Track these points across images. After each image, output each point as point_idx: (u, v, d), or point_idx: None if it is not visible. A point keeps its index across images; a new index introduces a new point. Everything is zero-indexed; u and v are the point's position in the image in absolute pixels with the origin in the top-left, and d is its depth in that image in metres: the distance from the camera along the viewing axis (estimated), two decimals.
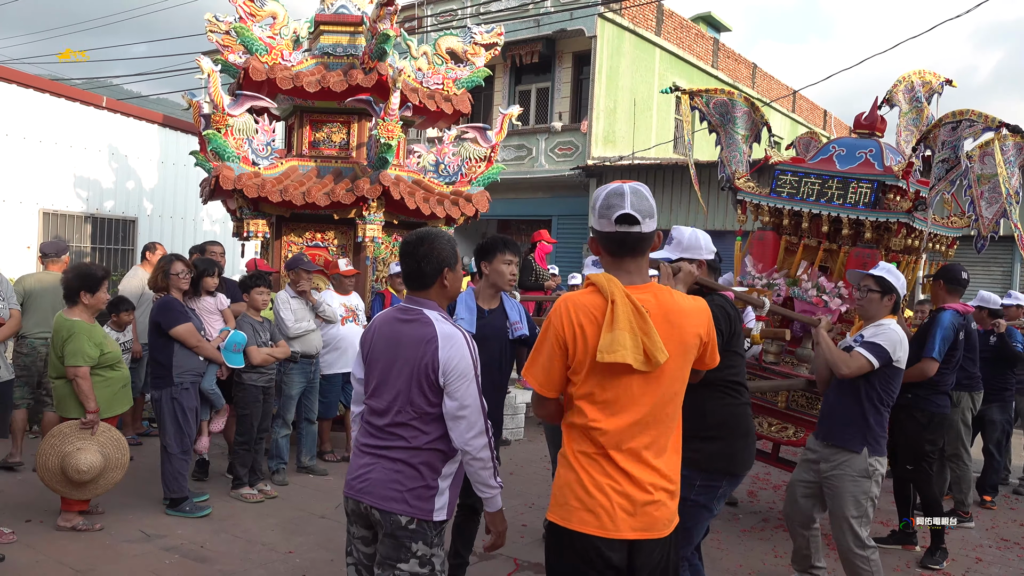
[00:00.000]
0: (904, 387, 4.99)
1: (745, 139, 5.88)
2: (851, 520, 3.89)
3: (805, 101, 24.21)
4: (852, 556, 3.89)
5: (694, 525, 3.24)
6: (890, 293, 3.99)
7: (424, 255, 2.60)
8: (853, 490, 3.89)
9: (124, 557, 4.36)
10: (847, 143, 5.44)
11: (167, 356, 5.07)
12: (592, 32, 15.90)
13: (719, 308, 3.19)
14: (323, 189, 6.89)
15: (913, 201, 4.94)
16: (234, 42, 7.32)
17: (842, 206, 5.13)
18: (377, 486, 2.52)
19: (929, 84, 5.78)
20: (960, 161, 4.69)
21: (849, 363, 3.89)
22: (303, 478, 6.08)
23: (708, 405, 3.20)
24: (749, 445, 3.31)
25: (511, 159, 16.99)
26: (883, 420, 3.98)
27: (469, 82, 7.88)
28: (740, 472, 3.29)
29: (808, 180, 5.29)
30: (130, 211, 10.85)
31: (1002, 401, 6.46)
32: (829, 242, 5.35)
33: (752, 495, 6.41)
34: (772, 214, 5.54)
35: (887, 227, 5.01)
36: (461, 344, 2.53)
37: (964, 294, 5.25)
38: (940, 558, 4.88)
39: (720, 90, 5.99)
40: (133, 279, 7.15)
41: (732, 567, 4.71)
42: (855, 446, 3.90)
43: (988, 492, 6.49)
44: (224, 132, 6.74)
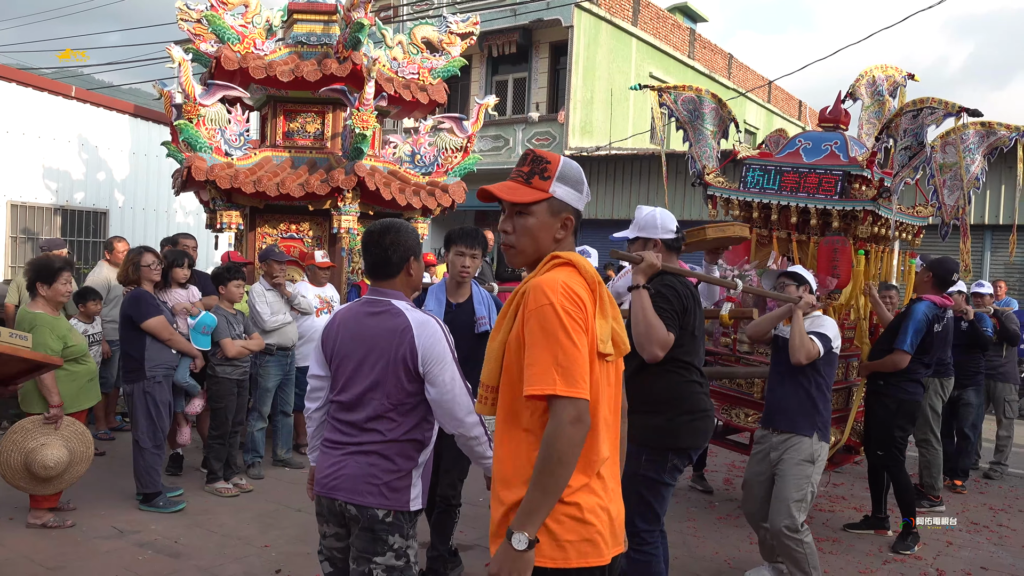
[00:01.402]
0: (875, 374, 5.08)
1: (714, 135, 5.97)
2: (790, 503, 3.97)
3: (780, 92, 24.36)
4: (785, 538, 3.97)
5: (654, 498, 3.30)
6: (803, 283, 4.22)
7: (390, 244, 2.58)
8: (796, 473, 4.01)
9: (96, 553, 4.31)
10: (812, 136, 5.53)
11: (139, 350, 5.00)
12: (569, 22, 15.87)
13: (667, 287, 3.28)
14: (297, 180, 6.82)
15: (878, 189, 5.02)
16: (206, 30, 7.21)
17: (810, 197, 5.20)
18: (352, 481, 2.50)
19: (892, 78, 5.92)
20: (923, 148, 4.78)
21: (810, 352, 3.99)
22: (279, 471, 6.04)
23: (655, 382, 3.29)
24: (696, 421, 3.34)
25: (488, 149, 16.94)
26: (828, 404, 4.16)
27: (445, 72, 7.83)
28: (686, 447, 3.34)
29: (776, 172, 5.39)
30: (101, 203, 10.69)
31: (976, 385, 6.60)
32: (799, 233, 5.41)
33: (728, 483, 6.46)
34: (742, 207, 5.61)
35: (854, 216, 5.08)
36: (435, 329, 2.53)
37: None
38: (912, 542, 4.95)
39: (688, 87, 6.07)
40: (98, 275, 7.03)
41: (708, 554, 4.75)
42: (806, 431, 4.04)
43: (959, 476, 6.59)
44: (196, 122, 6.65)
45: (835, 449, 5.07)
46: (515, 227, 2.01)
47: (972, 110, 4.53)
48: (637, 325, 3.21)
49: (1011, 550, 5.09)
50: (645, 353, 3.21)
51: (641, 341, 3.19)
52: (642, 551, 3.28)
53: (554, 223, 2.00)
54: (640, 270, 3.29)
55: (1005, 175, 11.93)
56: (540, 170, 2.01)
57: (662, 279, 3.31)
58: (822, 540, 5.08)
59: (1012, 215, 11.84)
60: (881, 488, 5.30)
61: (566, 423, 1.79)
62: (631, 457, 3.27)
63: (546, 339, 1.83)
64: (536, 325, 1.85)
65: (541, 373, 1.82)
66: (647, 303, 3.21)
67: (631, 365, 3.26)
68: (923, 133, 4.76)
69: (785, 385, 4.15)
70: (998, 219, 11.97)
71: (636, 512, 3.25)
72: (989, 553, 5.02)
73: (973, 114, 4.54)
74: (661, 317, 3.19)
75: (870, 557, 4.83)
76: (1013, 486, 6.85)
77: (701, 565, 4.57)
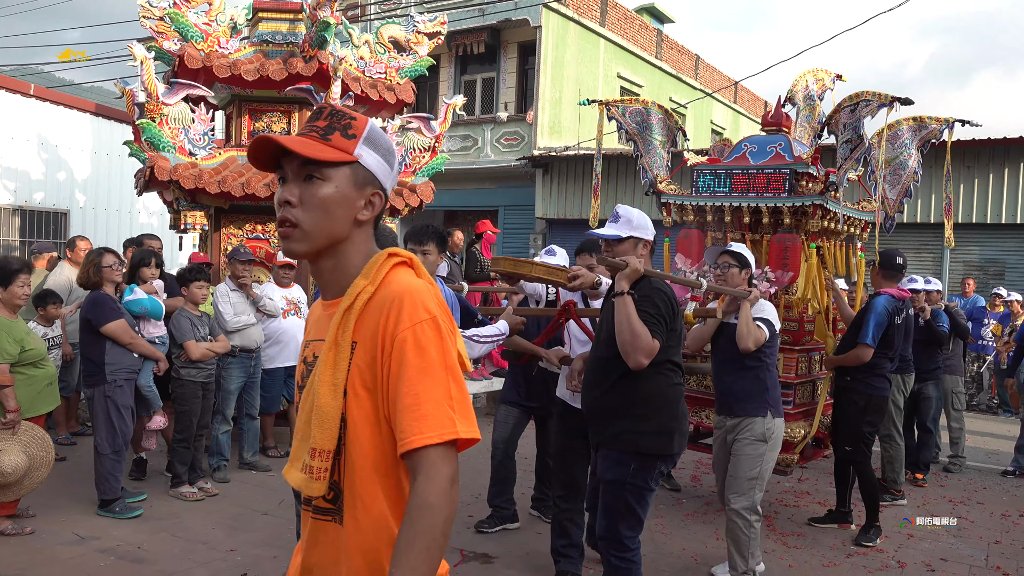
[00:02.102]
0: (842, 370, 5.16)
1: (663, 144, 6.11)
2: (744, 481, 4.06)
3: (747, 92, 24.64)
4: (736, 516, 4.04)
5: (639, 505, 3.29)
6: (746, 267, 4.29)
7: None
8: (750, 452, 4.09)
9: (56, 561, 4.23)
10: (757, 140, 5.67)
11: (99, 354, 4.91)
12: (537, 22, 15.90)
13: (654, 290, 3.27)
14: (263, 180, 6.75)
15: (824, 184, 5.15)
16: (168, 28, 7.11)
17: (760, 196, 5.33)
18: None
19: (821, 81, 6.10)
20: (862, 140, 4.95)
21: (758, 338, 4.08)
22: (245, 475, 5.97)
23: (643, 386, 3.26)
24: (683, 425, 3.36)
25: (457, 149, 16.92)
26: (776, 382, 4.26)
27: (412, 71, 7.80)
28: (675, 453, 3.35)
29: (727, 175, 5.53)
30: (61, 203, 10.49)
31: (935, 379, 6.75)
32: (753, 233, 5.52)
33: (696, 480, 6.53)
34: (696, 212, 5.73)
35: (804, 211, 5.20)
36: None
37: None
38: (874, 535, 5.04)
39: (634, 99, 6.29)
40: (59, 276, 6.89)
41: (676, 551, 4.79)
42: (760, 412, 4.12)
43: (921, 470, 6.73)
44: (159, 121, 6.55)
45: (803, 442, 5.15)
46: (302, 197, 1.44)
47: (903, 99, 4.69)
48: (622, 333, 3.17)
49: (969, 541, 5.21)
50: (630, 361, 3.17)
51: (626, 349, 3.16)
52: (624, 558, 3.28)
53: (357, 198, 1.48)
54: (625, 275, 3.24)
55: (964, 175, 12.19)
56: (343, 126, 1.47)
57: (649, 282, 3.29)
58: (787, 535, 5.15)
59: (970, 214, 12.12)
60: (847, 483, 5.39)
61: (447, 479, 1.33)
62: (617, 464, 3.27)
63: (431, 366, 1.36)
64: (414, 348, 1.36)
65: (435, 413, 1.34)
66: (632, 310, 3.17)
67: (618, 368, 3.27)
68: (860, 125, 4.93)
69: (733, 371, 4.23)
70: (957, 218, 12.22)
71: (621, 519, 3.25)
72: (949, 545, 5.13)
73: (904, 102, 4.69)
74: (648, 323, 3.16)
75: (834, 551, 4.91)
76: (971, 479, 7.00)
77: (668, 561, 4.60)
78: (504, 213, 17.03)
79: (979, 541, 5.22)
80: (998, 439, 8.94)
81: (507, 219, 16.98)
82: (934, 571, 4.64)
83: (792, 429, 5.02)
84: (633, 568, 3.30)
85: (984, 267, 12.28)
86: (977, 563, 4.81)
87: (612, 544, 3.30)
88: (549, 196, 15.99)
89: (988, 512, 5.92)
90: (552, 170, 15.93)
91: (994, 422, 10.16)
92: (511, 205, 16.96)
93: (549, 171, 15.98)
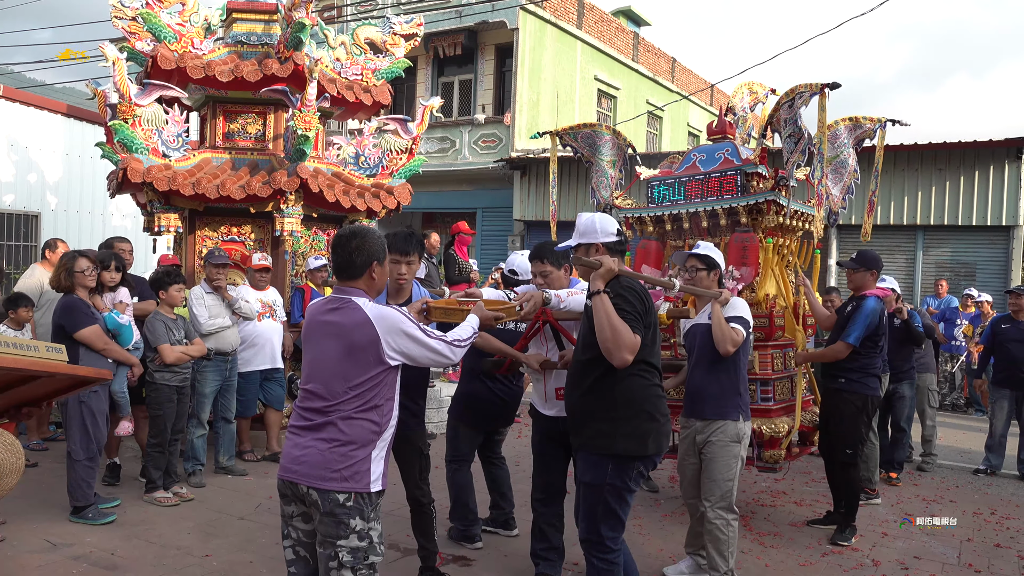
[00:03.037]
0: (835, 373, 5.18)
1: (612, 164, 6.32)
2: (721, 482, 4.09)
3: (723, 95, 24.82)
4: (715, 517, 4.07)
5: (620, 506, 3.28)
6: (714, 268, 4.30)
7: (356, 247, 2.78)
8: (724, 454, 4.11)
9: (27, 568, 4.15)
10: (705, 149, 5.79)
11: (72, 359, 4.83)
12: (514, 24, 15.93)
13: (626, 288, 3.25)
14: (238, 182, 6.70)
15: (775, 180, 5.26)
16: (141, 29, 7.03)
17: (716, 199, 5.44)
18: (313, 467, 2.64)
19: (754, 94, 6.27)
20: (803, 132, 5.09)
21: (735, 339, 4.09)
22: (221, 479, 5.91)
23: (617, 386, 3.25)
24: (662, 426, 3.33)
25: (435, 151, 16.89)
26: (746, 386, 4.29)
27: (389, 73, 7.78)
28: (653, 454, 3.32)
29: (680, 184, 5.67)
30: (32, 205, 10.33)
31: (910, 379, 6.83)
32: (711, 236, 5.60)
33: (674, 480, 6.54)
34: (655, 223, 5.83)
35: (759, 209, 5.28)
36: (392, 315, 2.75)
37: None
38: (849, 535, 5.09)
39: (584, 124, 6.55)
40: (30, 278, 6.78)
41: (653, 551, 4.81)
42: (733, 415, 4.14)
43: (895, 469, 6.80)
44: (132, 123, 6.47)
45: (788, 438, 5.18)
46: None
47: (832, 84, 4.79)
48: (603, 331, 3.13)
49: (943, 539, 5.27)
50: (614, 359, 3.13)
51: (608, 347, 3.12)
52: (605, 559, 3.26)
53: None
54: (599, 275, 3.25)
55: (936, 177, 12.37)
56: None
57: (619, 281, 3.29)
58: (764, 534, 5.19)
59: (942, 215, 12.29)
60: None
61: None
62: (594, 466, 3.26)
63: None
64: None
65: None
66: (610, 308, 3.15)
67: (594, 370, 3.26)
68: (799, 118, 5.08)
69: (707, 374, 4.22)
70: (929, 219, 12.40)
71: (602, 521, 3.24)
72: (922, 543, 5.19)
73: (833, 87, 4.79)
74: (626, 319, 3.15)
75: (809, 550, 4.95)
76: (944, 477, 7.10)
77: (646, 562, 4.61)
78: (482, 215, 17.03)
79: (951, 539, 5.29)
80: (970, 438, 9.07)
81: (485, 221, 16.97)
82: (908, 569, 4.69)
83: (776, 425, 5.06)
84: (615, 570, 3.29)
85: (955, 268, 12.46)
86: (950, 561, 4.87)
87: (594, 546, 3.29)
88: (527, 198, 16.01)
89: (961, 510, 6.00)
90: (530, 172, 15.96)
91: (966, 421, 10.31)
92: (489, 207, 16.96)
93: (527, 173, 16.00)
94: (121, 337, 5.31)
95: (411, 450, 3.97)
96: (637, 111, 19.36)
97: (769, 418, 5.09)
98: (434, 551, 4.09)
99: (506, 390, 4.74)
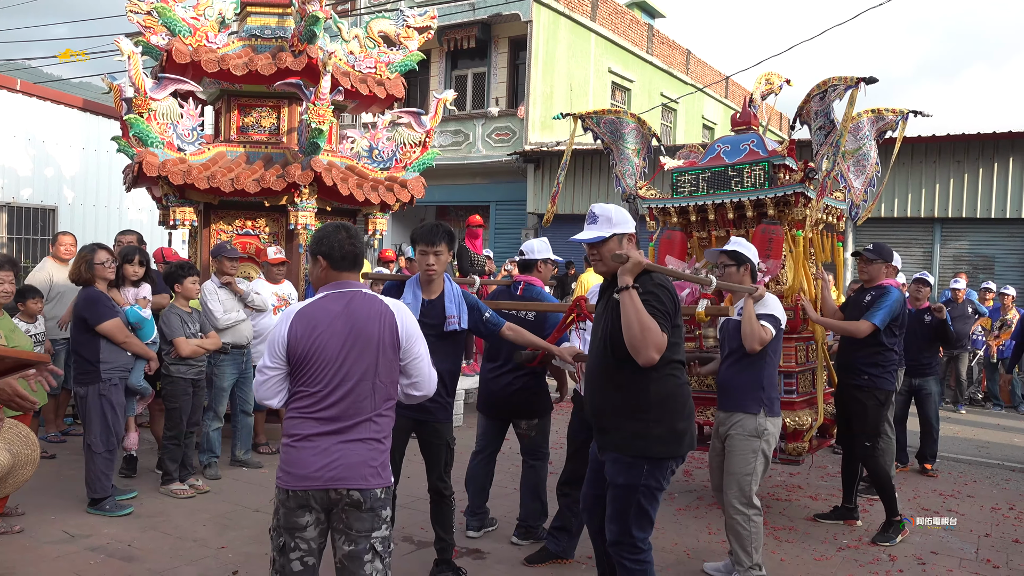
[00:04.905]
0: (860, 369, 5.12)
1: (637, 152, 6.19)
2: (739, 476, 4.07)
3: (738, 87, 24.65)
4: (735, 512, 4.05)
5: (651, 506, 3.22)
6: (744, 263, 4.28)
7: (356, 236, 2.80)
8: (743, 448, 4.09)
9: (46, 559, 4.20)
10: (730, 140, 5.70)
11: (93, 352, 4.86)
12: (528, 17, 15.87)
13: (656, 285, 3.13)
14: (253, 175, 6.71)
15: (804, 172, 5.19)
16: (156, 23, 7.06)
17: (741, 191, 5.36)
18: (354, 469, 2.62)
19: (771, 84, 6.20)
20: (835, 125, 5.01)
21: (763, 338, 4.06)
22: (237, 471, 5.95)
23: (651, 387, 3.15)
24: (692, 424, 3.28)
25: (448, 144, 16.88)
26: (774, 381, 4.23)
27: (402, 66, 7.76)
28: (685, 453, 3.28)
29: (705, 175, 5.58)
30: (49, 199, 10.40)
31: (935, 375, 6.83)
32: (736, 228, 5.54)
33: (688, 474, 6.53)
34: (679, 214, 5.73)
35: (786, 202, 5.23)
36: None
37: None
38: (894, 534, 5.00)
39: (608, 110, 6.39)
40: (41, 271, 6.83)
41: (667, 545, 4.79)
42: (752, 409, 4.12)
43: (928, 460, 6.79)
44: (147, 117, 6.50)
45: (811, 431, 5.15)
46: None
47: (868, 78, 4.72)
48: (631, 328, 3.01)
49: (960, 535, 5.23)
50: (640, 358, 3.02)
51: (636, 345, 3.01)
52: (637, 559, 3.21)
53: None
54: (627, 270, 3.09)
55: (954, 169, 12.24)
56: None
57: (649, 277, 3.16)
58: (779, 528, 5.16)
59: (960, 208, 12.16)
60: (853, 479, 5.37)
61: None
62: (628, 468, 3.17)
63: None
64: None
65: None
66: (639, 305, 3.02)
67: (623, 370, 3.16)
68: (831, 111, 5.02)
69: (733, 366, 4.23)
70: (947, 212, 12.28)
71: (633, 522, 3.18)
72: (939, 538, 5.14)
73: (869, 82, 4.73)
74: (655, 317, 3.04)
75: (825, 545, 4.92)
76: (961, 472, 7.04)
77: (660, 556, 4.60)
78: (495, 208, 17.01)
79: (969, 534, 5.25)
80: (988, 433, 8.98)
81: (499, 214, 16.96)
82: (924, 564, 4.66)
83: (799, 417, 5.05)
84: (648, 568, 3.23)
85: (974, 261, 12.34)
86: (967, 556, 4.83)
87: (626, 548, 3.21)
88: (540, 191, 15.98)
89: (978, 505, 5.94)
90: (543, 165, 15.92)
91: (984, 416, 10.22)
92: (502, 200, 16.94)
93: (540, 166, 15.97)
94: (142, 331, 5.36)
95: (439, 442, 3.99)
96: (651, 104, 19.26)
97: (793, 411, 5.06)
98: (451, 544, 4.11)
99: (521, 381, 4.62)
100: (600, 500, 3.45)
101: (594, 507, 3.53)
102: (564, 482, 4.41)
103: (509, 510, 5.10)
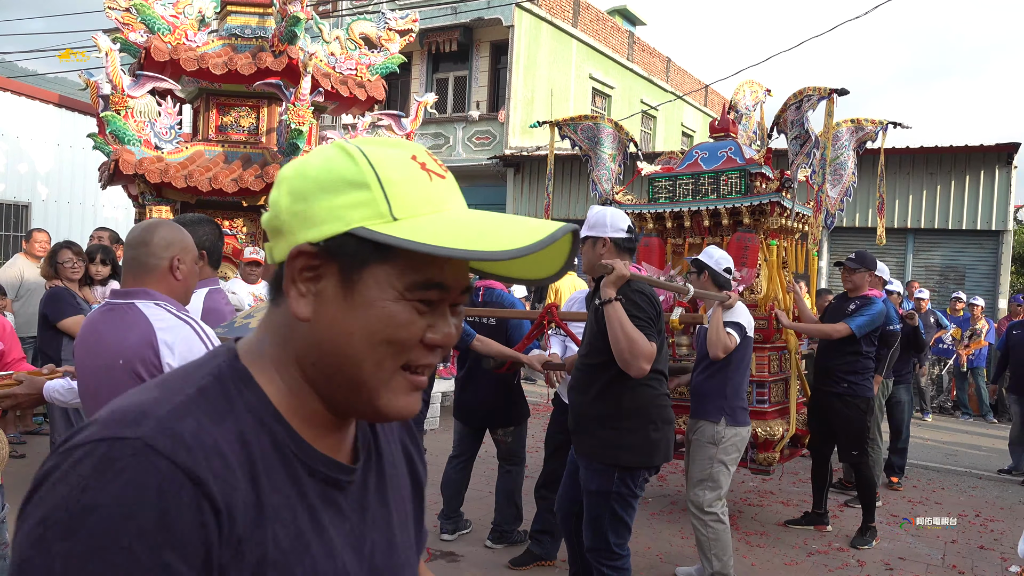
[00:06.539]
0: (839, 376, 5.16)
1: (613, 158, 6.23)
2: (696, 483, 4.11)
3: (717, 95, 24.87)
4: (693, 517, 4.11)
5: (626, 512, 3.25)
6: (703, 271, 4.32)
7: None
8: (700, 455, 4.13)
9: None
10: (708, 147, 5.76)
11: (55, 349, 4.82)
12: (510, 21, 15.92)
13: (637, 293, 3.16)
14: (231, 175, 6.68)
15: (780, 181, 5.26)
16: (135, 20, 6.99)
17: (718, 199, 5.42)
18: None
19: (755, 94, 6.28)
20: (810, 135, 5.08)
21: (727, 345, 4.09)
22: None
23: (625, 395, 3.17)
24: (668, 434, 3.29)
25: (428, 147, 16.80)
26: (742, 390, 4.24)
27: (383, 68, 7.76)
28: (660, 464, 3.30)
29: (682, 182, 5.63)
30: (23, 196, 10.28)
31: (906, 383, 6.86)
32: (712, 236, 5.60)
33: (662, 479, 6.57)
34: (655, 220, 5.78)
35: (762, 210, 5.29)
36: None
37: None
38: (869, 538, 5.10)
39: (585, 116, 6.45)
40: (11, 268, 6.75)
41: (641, 549, 4.82)
42: (713, 417, 4.14)
43: (895, 473, 6.77)
44: (124, 114, 6.45)
45: (783, 441, 5.19)
46: None
47: (840, 89, 4.81)
48: (618, 342, 3.01)
49: (927, 541, 5.31)
50: (632, 370, 3.03)
51: (626, 358, 3.02)
52: (614, 566, 3.24)
53: None
54: (610, 282, 3.11)
55: (927, 181, 12.43)
56: None
57: (630, 286, 3.19)
58: (750, 533, 5.22)
59: (932, 219, 12.36)
60: (823, 484, 5.43)
61: None
62: (599, 474, 3.19)
63: None
64: None
65: None
66: (624, 317, 3.03)
67: (602, 376, 3.18)
68: (806, 120, 5.08)
69: (702, 373, 4.26)
70: (920, 223, 12.47)
71: (609, 528, 3.21)
72: (907, 544, 5.23)
73: (841, 93, 4.82)
74: (639, 327, 3.05)
75: (795, 550, 4.98)
76: (929, 479, 7.14)
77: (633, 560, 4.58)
78: None
79: (936, 540, 5.33)
80: (956, 440, 9.13)
81: None
82: (892, 570, 4.73)
83: (771, 427, 5.07)
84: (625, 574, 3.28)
85: (945, 271, 12.53)
86: (934, 562, 4.91)
87: (603, 554, 3.25)
88: (520, 195, 16.01)
89: (946, 512, 6.04)
90: (524, 169, 15.96)
91: (953, 424, 10.38)
92: (482, 204, 16.92)
93: (521, 170, 16.01)
94: None
95: None
96: (631, 110, 19.38)
97: (764, 420, 5.09)
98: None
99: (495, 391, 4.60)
100: (576, 503, 3.48)
101: (569, 509, 3.57)
102: (542, 484, 4.44)
103: (484, 514, 5.10)
